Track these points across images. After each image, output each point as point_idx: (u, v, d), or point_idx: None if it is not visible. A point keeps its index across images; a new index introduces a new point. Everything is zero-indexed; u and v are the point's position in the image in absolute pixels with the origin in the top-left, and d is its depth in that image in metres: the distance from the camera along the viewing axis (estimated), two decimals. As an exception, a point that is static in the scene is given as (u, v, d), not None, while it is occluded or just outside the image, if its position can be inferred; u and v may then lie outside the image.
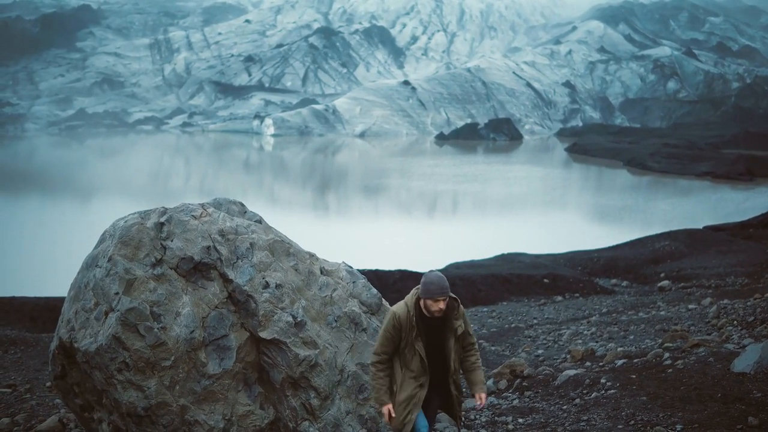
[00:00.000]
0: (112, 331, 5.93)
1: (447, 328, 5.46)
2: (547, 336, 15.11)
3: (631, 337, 13.48)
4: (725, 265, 27.90)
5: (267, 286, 6.46)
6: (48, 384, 10.85)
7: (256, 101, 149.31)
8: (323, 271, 7.02)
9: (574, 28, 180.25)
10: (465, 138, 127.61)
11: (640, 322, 15.33)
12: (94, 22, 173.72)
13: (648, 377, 8.21)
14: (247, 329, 6.41)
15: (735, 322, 12.78)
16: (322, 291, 6.84)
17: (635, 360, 9.22)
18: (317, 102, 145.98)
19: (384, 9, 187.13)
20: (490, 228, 49.00)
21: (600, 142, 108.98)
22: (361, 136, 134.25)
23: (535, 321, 18.80)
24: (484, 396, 5.54)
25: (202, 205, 6.79)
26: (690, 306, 16.98)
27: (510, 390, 9.01)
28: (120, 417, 6.12)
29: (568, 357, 11.16)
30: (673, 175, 79.70)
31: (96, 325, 6.09)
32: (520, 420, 7.53)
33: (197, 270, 6.34)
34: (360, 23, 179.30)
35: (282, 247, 6.79)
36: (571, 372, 8.90)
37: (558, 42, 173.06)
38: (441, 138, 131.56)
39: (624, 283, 27.79)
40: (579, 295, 24.93)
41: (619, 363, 9.22)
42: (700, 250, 32.13)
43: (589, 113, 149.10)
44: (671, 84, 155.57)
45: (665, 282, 25.47)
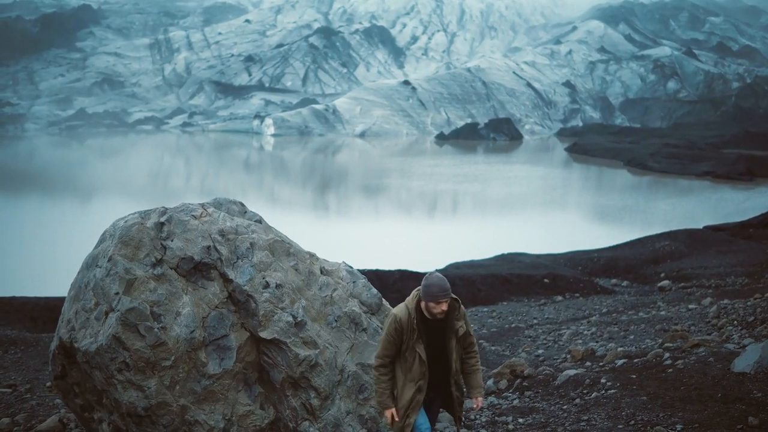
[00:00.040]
0: (112, 331, 5.93)
1: (448, 329, 5.47)
2: (547, 336, 15.11)
3: (632, 337, 13.47)
4: (725, 265, 27.90)
5: (267, 286, 6.46)
6: (48, 384, 10.85)
7: (256, 101, 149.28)
8: (323, 271, 7.02)
9: (574, 28, 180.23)
10: (465, 138, 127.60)
11: (640, 322, 15.32)
12: (94, 22, 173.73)
13: (648, 377, 8.20)
14: (248, 329, 6.40)
15: (735, 322, 12.77)
16: (322, 291, 6.83)
17: (635, 360, 9.21)
18: (317, 102, 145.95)
19: (384, 9, 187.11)
20: (490, 228, 49.00)
21: (600, 142, 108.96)
22: (362, 136, 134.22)
23: (535, 321, 18.81)
24: (480, 400, 5.66)
25: (202, 205, 6.79)
26: (690, 306, 16.97)
27: (510, 390, 9.01)
28: (120, 417, 6.12)
29: (568, 357, 11.16)
30: (674, 175, 79.68)
31: (96, 325, 6.09)
32: (520, 420, 7.53)
33: (197, 270, 6.34)
34: (360, 23, 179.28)
35: (282, 247, 6.78)
36: (572, 372, 8.90)
37: (558, 42, 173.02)
38: (441, 138, 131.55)
39: (624, 283, 27.79)
40: (579, 295, 24.93)
41: (620, 363, 9.22)
42: (700, 250, 32.13)
43: (590, 113, 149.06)
44: (671, 84, 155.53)
45: (665, 282, 25.47)
